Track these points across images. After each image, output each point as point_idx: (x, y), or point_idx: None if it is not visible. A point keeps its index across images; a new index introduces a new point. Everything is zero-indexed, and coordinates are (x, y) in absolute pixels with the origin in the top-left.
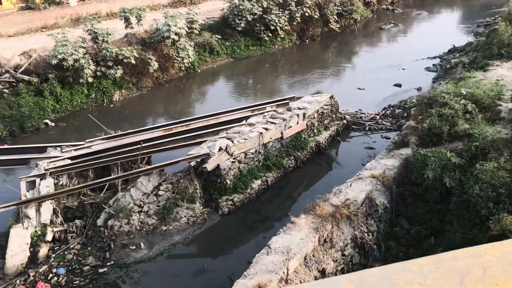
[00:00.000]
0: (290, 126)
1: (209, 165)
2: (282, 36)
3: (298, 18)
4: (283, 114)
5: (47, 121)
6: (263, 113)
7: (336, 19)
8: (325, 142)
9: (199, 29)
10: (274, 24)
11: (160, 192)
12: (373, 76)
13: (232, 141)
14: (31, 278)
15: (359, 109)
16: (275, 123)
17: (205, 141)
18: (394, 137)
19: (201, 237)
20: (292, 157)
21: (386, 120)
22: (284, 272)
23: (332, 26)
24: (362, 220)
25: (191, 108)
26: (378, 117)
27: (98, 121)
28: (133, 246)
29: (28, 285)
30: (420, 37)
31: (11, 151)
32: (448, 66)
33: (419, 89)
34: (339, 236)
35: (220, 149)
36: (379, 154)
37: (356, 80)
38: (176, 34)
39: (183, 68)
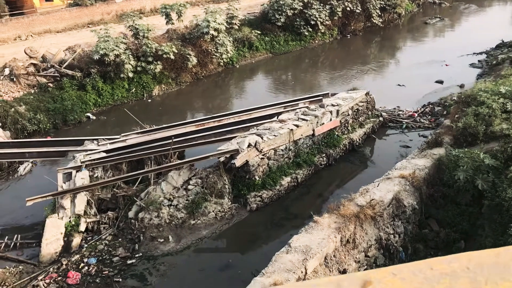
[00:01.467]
0: (323, 123)
1: (238, 161)
2: (322, 31)
3: (339, 13)
4: (315, 110)
5: (88, 114)
6: (295, 109)
7: (379, 13)
8: (359, 139)
9: (238, 25)
10: (315, 19)
11: (190, 187)
12: (414, 72)
13: (262, 138)
14: (64, 266)
15: (397, 106)
16: (306, 120)
17: (236, 137)
18: (428, 136)
19: (228, 232)
20: (324, 155)
21: (425, 118)
22: (302, 272)
23: (374, 21)
24: (388, 221)
25: (229, 103)
26: (416, 114)
27: (137, 115)
28: (161, 239)
29: (60, 273)
30: (467, 32)
31: (52, 144)
32: (494, 62)
33: (461, 86)
34: (362, 237)
35: (249, 145)
36: (411, 154)
37: (397, 76)
38: (215, 29)
39: (221, 64)
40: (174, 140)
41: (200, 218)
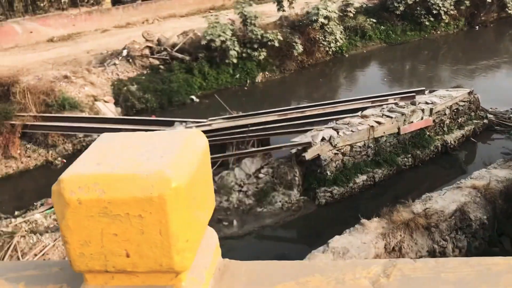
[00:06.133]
0: (411, 122)
1: (308, 154)
2: (446, 21)
3: (467, 2)
4: (404, 108)
5: (193, 97)
6: (382, 105)
7: None
8: (455, 142)
9: (353, 12)
10: (437, 8)
11: (261, 175)
12: None
13: (338, 132)
14: None
15: (510, 109)
16: (391, 117)
17: (313, 129)
18: None
19: (292, 224)
20: (410, 155)
21: None
22: None
23: (510, 11)
24: (446, 233)
25: (335, 94)
26: None
27: (239, 101)
28: (226, 222)
29: None
30: None
31: (146, 122)
32: None
33: None
34: (410, 247)
35: (323, 139)
36: (494, 163)
37: None
38: (325, 17)
39: (330, 52)
40: (251, 128)
41: (267, 206)
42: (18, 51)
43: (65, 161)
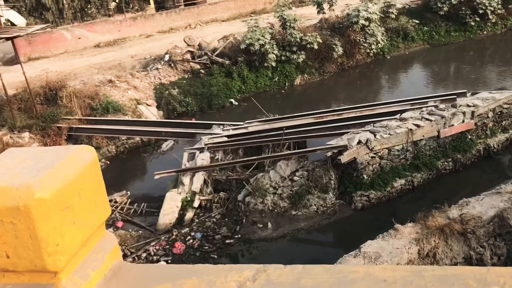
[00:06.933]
0: (452, 125)
1: (344, 158)
2: (493, 20)
3: None
4: (443, 110)
5: (232, 100)
6: (422, 108)
7: None
8: (498, 146)
9: (395, 13)
10: (484, 7)
11: (295, 178)
12: None
13: (375, 135)
14: (173, 236)
15: None
16: (430, 120)
17: (349, 132)
18: None
19: (327, 227)
20: (450, 159)
21: None
22: None
23: None
24: (484, 240)
25: (376, 96)
26: None
27: (277, 104)
28: (261, 224)
29: (169, 242)
30: None
31: (185, 125)
32: None
33: None
34: (445, 253)
35: (359, 142)
36: None
37: None
38: (366, 19)
39: (371, 54)
40: (286, 131)
41: (301, 209)
42: (67, 56)
43: (108, 162)
